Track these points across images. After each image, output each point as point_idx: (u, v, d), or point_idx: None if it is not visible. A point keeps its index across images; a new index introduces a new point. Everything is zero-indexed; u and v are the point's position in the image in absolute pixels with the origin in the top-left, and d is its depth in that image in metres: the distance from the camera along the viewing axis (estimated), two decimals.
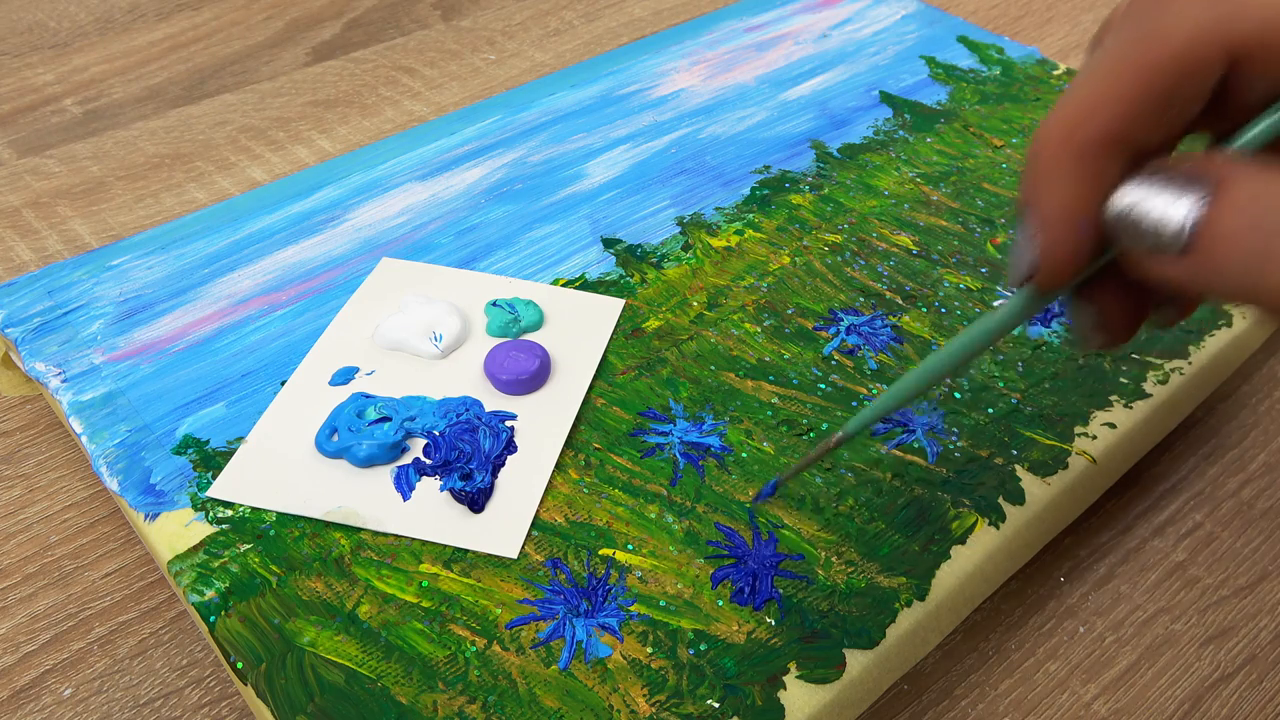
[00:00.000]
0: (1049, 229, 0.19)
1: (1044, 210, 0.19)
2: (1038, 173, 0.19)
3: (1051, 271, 0.19)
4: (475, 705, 0.24)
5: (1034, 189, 0.19)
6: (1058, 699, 0.28)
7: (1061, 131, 0.19)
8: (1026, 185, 0.19)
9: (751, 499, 0.29)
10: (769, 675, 0.25)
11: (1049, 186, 0.19)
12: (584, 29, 0.55)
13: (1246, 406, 0.36)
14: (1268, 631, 0.30)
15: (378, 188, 0.39)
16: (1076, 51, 0.54)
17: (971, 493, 0.29)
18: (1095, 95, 0.18)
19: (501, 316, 0.33)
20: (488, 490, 0.28)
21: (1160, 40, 0.18)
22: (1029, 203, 0.19)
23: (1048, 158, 0.19)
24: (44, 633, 0.29)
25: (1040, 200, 0.19)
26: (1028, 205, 0.19)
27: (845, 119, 0.43)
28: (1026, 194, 0.19)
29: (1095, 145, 0.18)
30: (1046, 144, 0.19)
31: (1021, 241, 0.20)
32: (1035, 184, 0.19)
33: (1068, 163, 0.18)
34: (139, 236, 0.36)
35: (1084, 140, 0.18)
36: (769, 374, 0.32)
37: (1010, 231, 0.38)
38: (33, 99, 0.48)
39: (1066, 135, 0.18)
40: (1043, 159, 0.19)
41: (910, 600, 0.27)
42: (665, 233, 0.37)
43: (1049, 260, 0.19)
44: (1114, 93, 0.18)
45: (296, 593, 0.26)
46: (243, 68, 0.51)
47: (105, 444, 0.29)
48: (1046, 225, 0.19)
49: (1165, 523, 0.33)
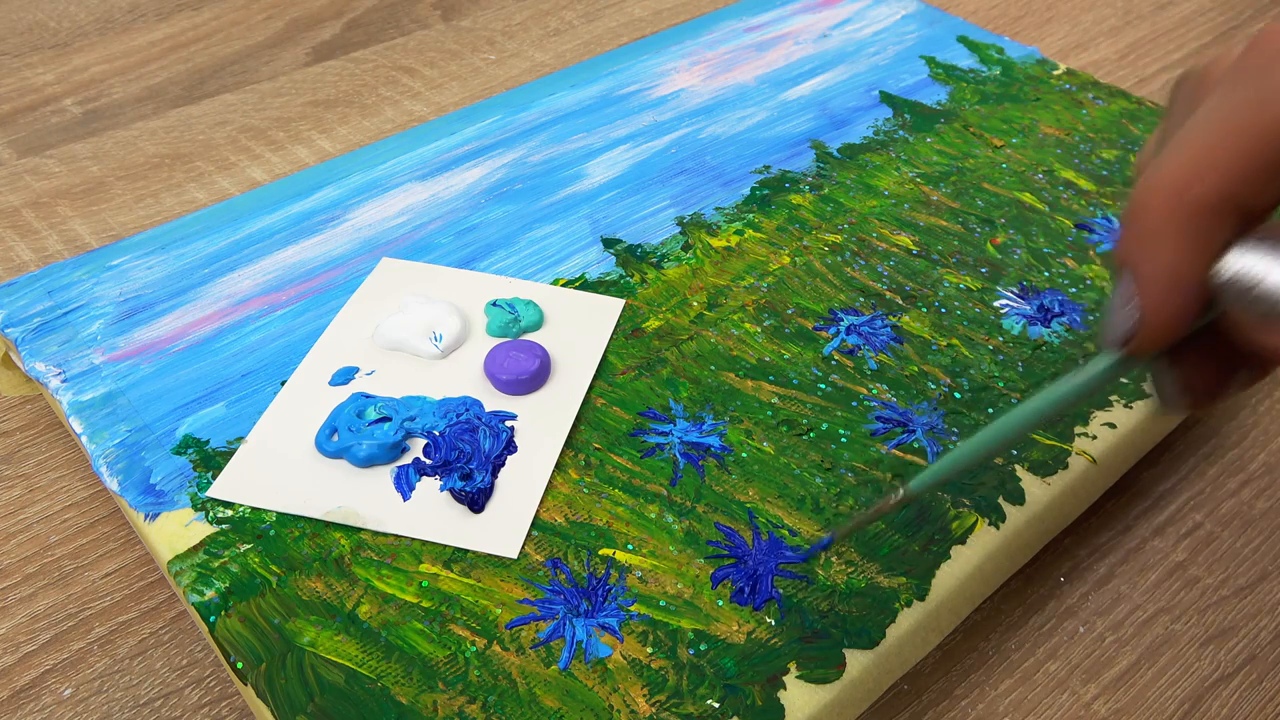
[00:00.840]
0: (1154, 291, 0.18)
1: (1149, 271, 0.18)
2: (1143, 232, 0.18)
3: (1153, 336, 0.19)
4: (475, 705, 0.24)
5: (1137, 249, 0.18)
6: (1058, 699, 0.28)
7: (1171, 190, 0.18)
8: (1128, 244, 0.18)
9: (806, 551, 0.28)
10: (769, 675, 0.25)
11: (1155, 247, 0.18)
12: (584, 29, 0.55)
13: (1246, 406, 0.36)
14: (1268, 631, 0.30)
15: (378, 188, 0.39)
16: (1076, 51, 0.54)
17: (971, 493, 0.29)
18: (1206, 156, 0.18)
19: (501, 316, 0.33)
20: (488, 490, 0.28)
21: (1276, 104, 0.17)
22: (1131, 263, 0.18)
23: (1154, 217, 0.18)
24: (44, 633, 0.29)
25: (1145, 261, 0.18)
26: (1129, 265, 0.18)
27: (845, 119, 0.43)
28: (1128, 253, 0.18)
29: (1206, 207, 0.18)
30: (1152, 202, 0.18)
31: (1119, 303, 0.19)
32: (1139, 244, 0.18)
33: (1176, 223, 0.18)
34: (139, 236, 0.36)
35: (1194, 201, 0.18)
36: (769, 374, 0.32)
37: (1010, 231, 0.38)
38: (33, 99, 0.48)
39: (1177, 195, 0.18)
40: (1149, 218, 0.18)
41: (910, 600, 0.27)
42: (665, 233, 0.37)
43: (1151, 324, 0.18)
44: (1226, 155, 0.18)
45: (296, 593, 0.26)
46: (243, 68, 0.51)
47: (105, 444, 0.29)
48: (1151, 287, 0.18)
49: (1165, 523, 0.33)
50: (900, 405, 0.31)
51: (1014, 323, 0.34)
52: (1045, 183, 0.40)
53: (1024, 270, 0.36)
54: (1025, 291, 0.36)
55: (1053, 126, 0.43)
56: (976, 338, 0.34)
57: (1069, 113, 0.44)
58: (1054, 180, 0.41)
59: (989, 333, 0.34)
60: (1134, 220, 0.18)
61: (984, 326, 0.34)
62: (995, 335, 0.34)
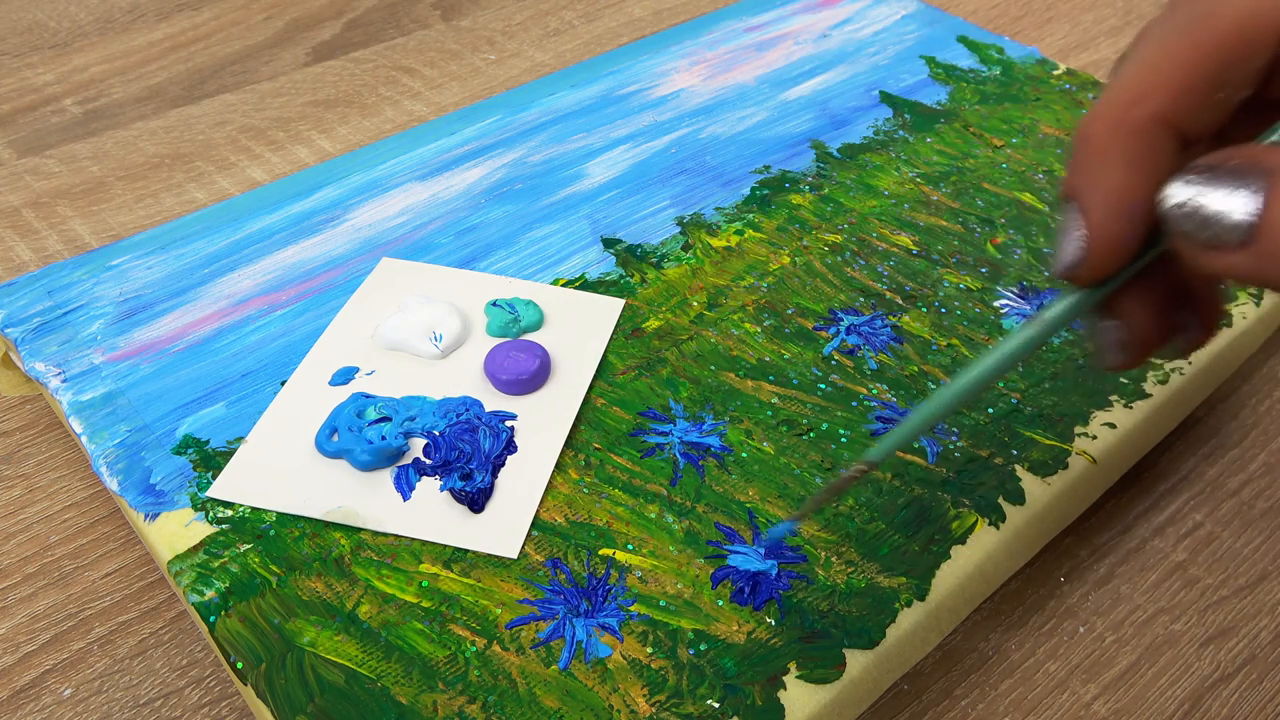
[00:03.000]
0: (1098, 214, 0.18)
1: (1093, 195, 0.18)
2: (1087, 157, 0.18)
3: (1100, 260, 0.19)
4: (475, 705, 0.24)
5: (1082, 174, 0.18)
6: (1058, 699, 0.28)
7: (1113, 113, 0.18)
8: (1074, 171, 0.19)
9: (767, 533, 0.28)
10: (769, 675, 0.25)
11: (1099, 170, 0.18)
12: (584, 29, 0.55)
13: (1246, 406, 0.36)
14: (1268, 631, 0.30)
15: (378, 188, 0.39)
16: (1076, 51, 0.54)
17: (971, 493, 0.29)
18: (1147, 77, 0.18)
19: (501, 316, 0.33)
20: (488, 490, 0.28)
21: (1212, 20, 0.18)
22: (1076, 189, 0.18)
23: (1097, 140, 0.18)
24: (44, 633, 0.29)
25: (1089, 185, 0.18)
26: (1075, 192, 0.19)
27: (845, 119, 0.43)
28: (1073, 180, 0.19)
29: (1148, 127, 0.18)
30: (1096, 127, 0.18)
31: (1066, 231, 0.19)
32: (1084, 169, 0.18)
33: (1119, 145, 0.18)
34: (139, 236, 0.36)
35: (1136, 122, 0.18)
36: (769, 374, 0.32)
37: (1010, 231, 0.38)
38: (33, 99, 0.48)
39: (1118, 117, 0.18)
40: (1092, 142, 0.18)
41: (910, 600, 0.27)
42: (665, 233, 0.37)
43: (1098, 247, 0.18)
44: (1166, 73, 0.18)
45: (296, 593, 0.26)
46: (243, 68, 0.51)
47: (105, 444, 0.29)
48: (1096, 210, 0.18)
49: (1165, 523, 0.33)
50: (900, 405, 0.31)
51: (1014, 323, 0.34)
52: (1045, 183, 0.40)
53: (1024, 270, 0.36)
54: (1025, 291, 0.36)
55: (1053, 126, 0.43)
56: (976, 338, 0.34)
57: (1069, 113, 0.44)
58: (1054, 180, 0.41)
59: (989, 333, 0.34)
60: (1077, 149, 0.19)
61: (984, 326, 0.34)
62: (995, 335, 0.34)
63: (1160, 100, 0.18)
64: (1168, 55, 0.18)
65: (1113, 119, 0.18)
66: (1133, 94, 0.18)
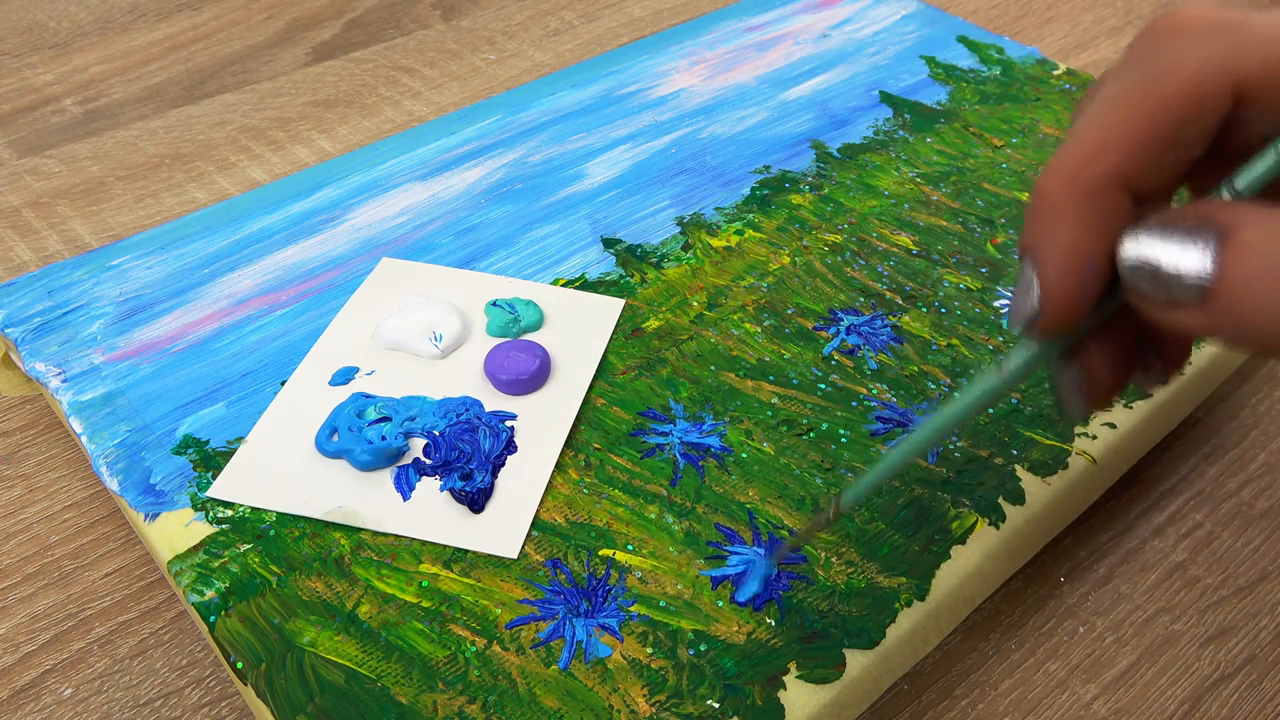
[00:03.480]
0: (1053, 271, 0.18)
1: (1048, 252, 0.18)
2: (1042, 214, 0.18)
3: (1054, 316, 0.19)
4: (475, 705, 0.24)
5: (1037, 231, 0.19)
6: (1058, 699, 0.28)
7: (1067, 172, 0.18)
8: (1030, 228, 0.19)
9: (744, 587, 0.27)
10: (769, 675, 0.25)
11: (1053, 228, 0.18)
12: (584, 29, 0.55)
13: (1246, 406, 0.36)
14: (1268, 631, 0.30)
15: (378, 188, 0.39)
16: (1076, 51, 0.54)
17: (971, 493, 0.29)
18: (1101, 135, 0.18)
19: (501, 316, 0.33)
20: (488, 490, 0.28)
21: (1165, 77, 0.18)
22: (1032, 245, 0.19)
23: (1052, 199, 0.18)
24: (44, 633, 0.29)
25: (1044, 243, 0.18)
26: (1031, 248, 0.19)
27: (845, 119, 0.43)
28: (1029, 237, 0.19)
29: (1101, 186, 0.18)
30: (1051, 185, 0.18)
31: (1022, 286, 0.19)
32: (1039, 226, 0.18)
33: (1073, 204, 0.18)
34: (139, 236, 0.36)
35: (1090, 181, 0.18)
36: (769, 374, 0.32)
37: (1010, 231, 0.38)
38: (33, 99, 0.48)
39: (1072, 176, 0.18)
40: (1048, 200, 0.18)
41: (910, 600, 0.27)
42: (665, 233, 0.37)
43: (1052, 304, 0.18)
44: (1120, 132, 0.18)
45: (296, 593, 0.26)
46: (243, 68, 0.51)
47: (105, 444, 0.29)
48: (1050, 268, 0.18)
49: (1165, 523, 0.33)
50: (900, 405, 0.31)
51: None
52: None
53: None
54: None
55: (1053, 126, 0.43)
56: (976, 338, 0.34)
57: (1069, 113, 0.44)
58: None
59: (989, 333, 0.34)
60: (1034, 205, 0.19)
61: (984, 326, 0.34)
62: (995, 335, 0.34)
63: (1113, 159, 0.18)
64: (1121, 113, 0.18)
65: (1067, 177, 0.18)
66: (1086, 153, 0.18)
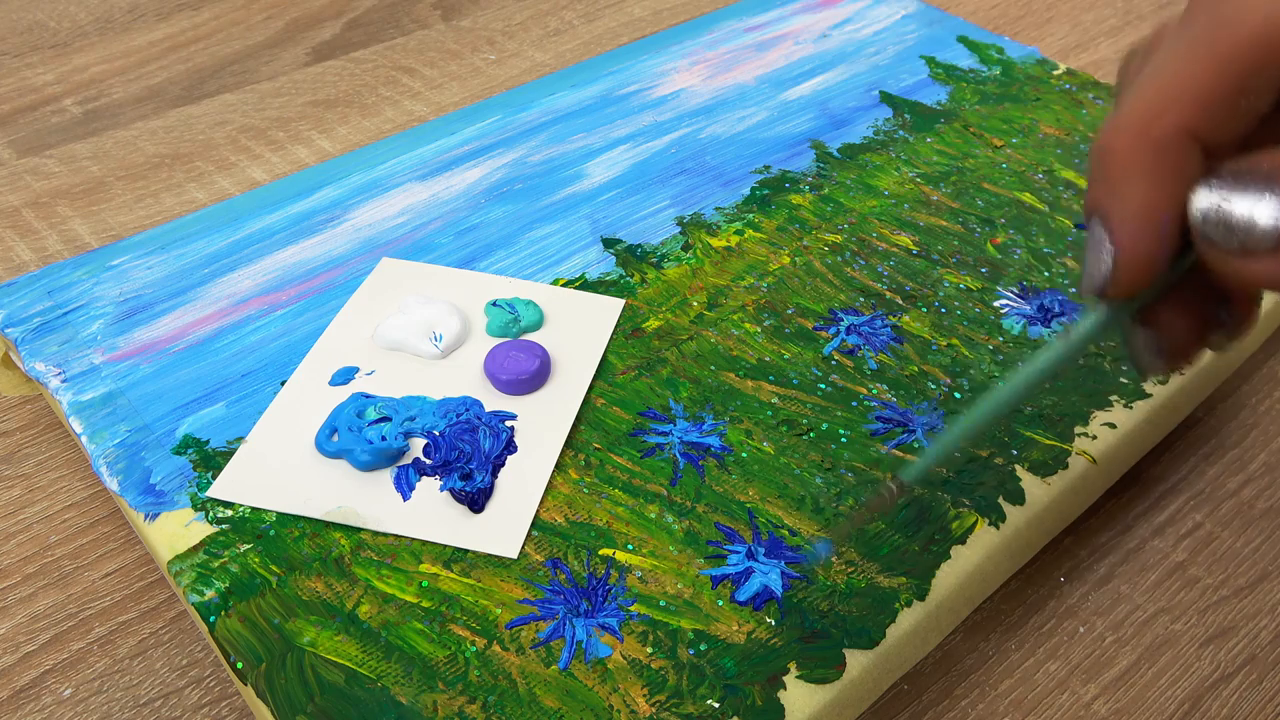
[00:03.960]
0: (1127, 231, 0.18)
1: (1120, 212, 0.18)
2: (1111, 173, 0.18)
3: (1129, 278, 0.18)
4: (475, 705, 0.24)
5: (1106, 190, 0.18)
6: (1058, 699, 0.28)
7: (1135, 127, 0.18)
8: (1098, 188, 0.18)
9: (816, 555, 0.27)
10: (769, 675, 0.25)
11: (1124, 187, 0.18)
12: (584, 29, 0.55)
13: (1246, 406, 0.36)
14: (1268, 631, 0.30)
15: (378, 188, 0.39)
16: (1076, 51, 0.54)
17: (971, 493, 0.29)
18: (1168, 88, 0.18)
19: (501, 316, 0.33)
20: (488, 490, 0.28)
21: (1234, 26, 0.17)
22: (1101, 206, 0.18)
23: (1121, 156, 0.18)
24: (44, 633, 0.29)
25: (1115, 202, 0.18)
26: (1100, 209, 0.18)
27: (845, 119, 0.43)
28: (1098, 198, 0.18)
29: (1173, 140, 0.17)
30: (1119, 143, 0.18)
31: (1094, 249, 0.19)
32: (1108, 185, 0.18)
33: (1143, 160, 0.18)
34: (139, 236, 0.36)
35: (1160, 135, 0.18)
36: (769, 374, 0.32)
37: (1010, 231, 0.38)
38: (33, 99, 0.48)
39: (1141, 131, 0.18)
40: (1115, 157, 0.18)
41: (910, 600, 0.27)
42: (665, 233, 0.37)
43: (1129, 264, 0.18)
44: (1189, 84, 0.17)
45: (296, 593, 0.26)
46: (243, 68, 0.51)
47: (105, 444, 0.29)
48: (1124, 228, 0.18)
49: (1165, 523, 0.33)
50: (900, 405, 0.31)
51: (1014, 323, 0.34)
52: (1045, 183, 0.40)
53: (1024, 270, 0.36)
54: (1025, 291, 0.36)
55: (1053, 126, 0.43)
56: (976, 338, 0.34)
57: (1069, 113, 0.44)
58: (1054, 180, 0.41)
59: (989, 333, 0.34)
60: (1100, 165, 0.18)
61: (984, 326, 0.34)
62: (995, 335, 0.34)
63: (1183, 112, 0.17)
64: (1188, 65, 0.18)
65: (1135, 133, 0.18)
66: (1154, 107, 0.18)
